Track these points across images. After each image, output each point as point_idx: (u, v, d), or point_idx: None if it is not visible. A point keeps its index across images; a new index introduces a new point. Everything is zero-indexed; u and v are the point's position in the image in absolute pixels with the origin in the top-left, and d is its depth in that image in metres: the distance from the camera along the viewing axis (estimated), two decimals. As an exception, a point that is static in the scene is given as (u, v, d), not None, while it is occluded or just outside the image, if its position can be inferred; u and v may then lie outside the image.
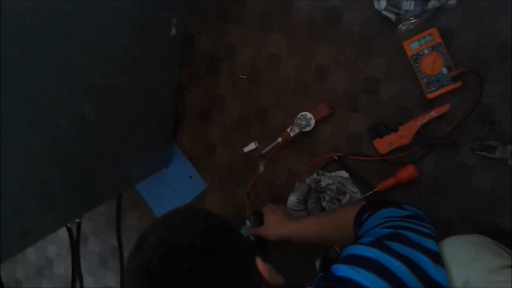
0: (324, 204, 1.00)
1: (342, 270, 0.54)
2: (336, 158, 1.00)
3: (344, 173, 0.99)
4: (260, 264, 0.58)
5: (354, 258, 0.55)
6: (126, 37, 0.82)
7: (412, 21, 0.87)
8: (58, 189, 0.78)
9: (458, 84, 0.87)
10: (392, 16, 0.88)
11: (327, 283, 0.55)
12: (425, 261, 0.54)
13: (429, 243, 0.57)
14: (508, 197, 0.87)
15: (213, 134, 1.11)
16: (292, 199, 1.03)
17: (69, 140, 0.76)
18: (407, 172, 0.92)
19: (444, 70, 0.87)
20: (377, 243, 0.56)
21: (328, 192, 1.00)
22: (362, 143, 0.98)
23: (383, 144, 0.94)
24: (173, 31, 0.98)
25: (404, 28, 0.88)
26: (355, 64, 0.95)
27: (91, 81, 0.76)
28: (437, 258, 0.55)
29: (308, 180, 1.02)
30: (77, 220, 0.90)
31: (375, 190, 0.95)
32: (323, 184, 1.00)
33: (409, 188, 0.94)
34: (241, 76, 1.04)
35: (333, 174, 1.00)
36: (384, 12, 0.88)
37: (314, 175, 1.01)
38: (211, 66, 1.07)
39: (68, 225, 1.27)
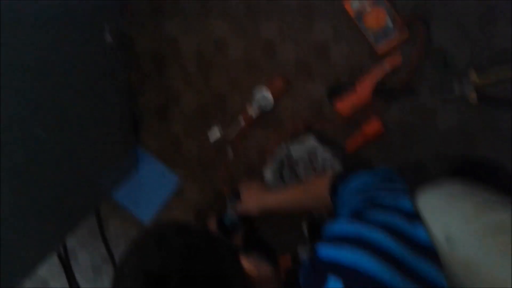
0: (299, 173, 1.01)
1: (328, 252, 0.54)
2: (302, 128, 0.99)
3: (313, 141, 1.00)
4: (246, 264, 0.56)
5: (337, 236, 0.55)
6: (59, 54, 0.77)
7: (349, -20, 0.85)
8: (31, 221, 0.76)
9: (406, 34, 0.86)
10: (328, -21, 0.85)
11: (315, 269, 0.54)
12: (401, 223, 0.54)
13: (403, 203, 0.58)
14: (474, 130, 0.89)
15: (175, 129, 1.09)
16: (268, 176, 1.03)
17: (29, 168, 0.73)
18: (371, 125, 0.93)
19: (389, 23, 0.86)
20: (355, 217, 0.57)
21: (301, 162, 1.01)
22: (324, 108, 0.98)
23: (345, 106, 0.94)
24: (108, 38, 0.92)
25: (342, -12, 0.86)
26: (300, 33, 0.93)
27: (33, 104, 0.72)
28: (412, 216, 0.56)
29: (279, 153, 1.02)
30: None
31: (345, 151, 0.96)
32: (294, 155, 1.01)
33: (378, 143, 0.96)
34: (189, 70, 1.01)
35: (302, 144, 1.00)
36: (319, -24, 0.85)
37: (284, 148, 1.01)
38: (157, 63, 1.03)
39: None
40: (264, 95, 0.97)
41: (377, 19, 0.86)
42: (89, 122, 0.91)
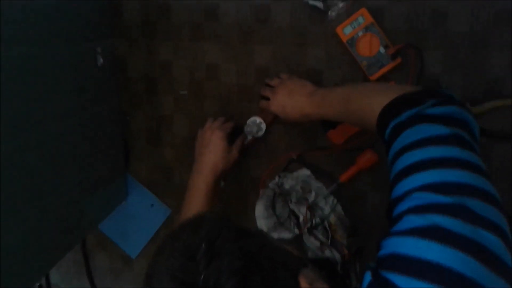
0: (291, 206, 0.97)
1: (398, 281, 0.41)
2: (295, 157, 0.97)
3: (306, 171, 0.96)
4: (303, 284, 0.46)
5: (407, 262, 0.42)
6: (48, 78, 0.76)
7: (341, 6, 0.85)
8: (11, 252, 0.72)
9: (398, 60, 0.85)
10: (319, 4, 0.85)
11: None
12: (496, 243, 0.41)
13: (494, 214, 0.43)
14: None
15: (166, 156, 1.07)
16: (260, 207, 0.99)
17: (9, 197, 0.70)
18: (366, 157, 0.90)
19: (382, 50, 0.85)
20: (431, 230, 0.42)
21: (294, 193, 0.97)
22: (317, 136, 0.95)
23: (338, 134, 0.92)
24: (100, 60, 0.92)
25: (334, 14, 0.86)
26: (293, 58, 0.92)
27: (18, 127, 0.70)
28: (507, 239, 0.42)
29: (271, 185, 0.98)
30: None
31: (338, 182, 0.93)
32: (286, 186, 0.97)
33: (372, 172, 0.92)
34: (181, 92, 1.00)
35: (295, 174, 0.97)
36: (310, 2, 0.85)
37: (276, 179, 0.98)
38: (149, 87, 1.02)
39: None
40: (256, 121, 0.95)
41: (369, 45, 0.85)
42: (77, 146, 0.89)
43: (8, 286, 0.71)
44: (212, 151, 0.88)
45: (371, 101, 0.61)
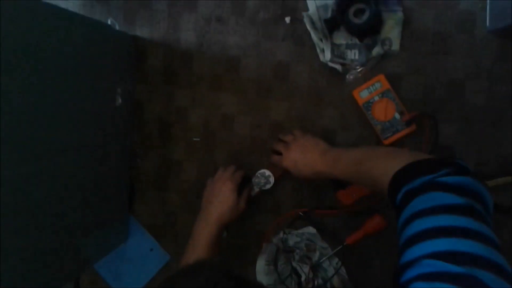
0: (294, 264, 0.95)
1: None
2: (301, 214, 0.95)
3: (311, 229, 0.95)
4: None
5: None
6: (66, 110, 0.77)
7: (359, 70, 0.87)
8: (10, 282, 0.70)
9: (413, 127, 0.86)
10: (338, 67, 0.87)
11: None
12: None
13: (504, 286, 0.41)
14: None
15: (171, 201, 1.06)
16: (261, 262, 0.97)
17: (15, 226, 0.69)
18: (374, 222, 0.89)
19: (397, 116, 0.86)
20: None
21: (297, 251, 0.95)
22: (326, 195, 0.95)
23: (347, 195, 0.91)
24: (119, 101, 0.94)
25: (351, 77, 0.88)
26: (308, 117, 0.93)
27: (34, 163, 0.70)
28: None
29: (275, 240, 0.97)
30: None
31: (344, 244, 0.91)
32: (291, 243, 0.95)
33: (379, 237, 0.90)
34: (194, 139, 1.01)
35: (300, 231, 0.96)
36: (330, 64, 0.88)
37: (281, 235, 0.96)
38: (162, 131, 1.03)
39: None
40: (265, 174, 0.95)
41: (385, 110, 0.86)
42: (82, 183, 0.88)
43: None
44: (222, 201, 0.88)
45: (385, 165, 0.61)
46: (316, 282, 0.92)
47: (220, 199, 0.88)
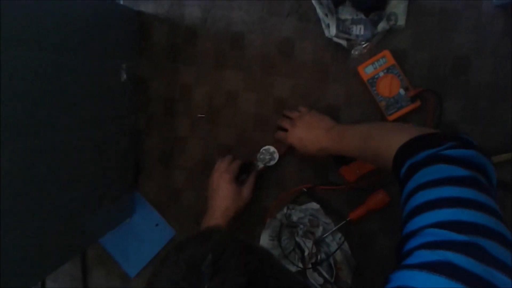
0: (297, 239, 0.96)
1: None
2: (305, 190, 0.96)
3: (315, 205, 0.96)
4: None
5: None
6: (71, 85, 0.78)
7: (364, 46, 0.87)
8: (14, 253, 0.71)
9: (417, 103, 0.86)
10: (343, 42, 0.87)
11: None
12: (509, 286, 0.40)
13: (508, 257, 0.42)
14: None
15: (176, 177, 1.07)
16: (265, 237, 0.99)
17: (20, 199, 0.70)
18: (378, 197, 0.90)
19: (402, 91, 0.86)
20: (442, 266, 0.41)
21: (301, 226, 0.96)
22: (330, 172, 0.95)
23: (351, 171, 0.92)
24: (124, 76, 0.94)
25: (356, 53, 0.88)
26: (313, 93, 0.93)
27: (40, 138, 0.71)
28: None
29: (279, 216, 0.98)
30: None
31: (348, 219, 0.92)
32: (294, 218, 0.97)
33: (382, 213, 0.91)
34: (199, 116, 1.01)
35: (303, 206, 0.97)
36: (335, 39, 0.87)
37: (285, 210, 0.97)
38: (167, 108, 1.04)
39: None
40: (270, 150, 0.95)
41: (389, 86, 0.86)
42: (88, 159, 0.89)
43: (7, 282, 0.71)
44: (222, 195, 0.89)
45: (389, 139, 0.62)
46: (319, 257, 0.93)
47: (220, 193, 0.89)
